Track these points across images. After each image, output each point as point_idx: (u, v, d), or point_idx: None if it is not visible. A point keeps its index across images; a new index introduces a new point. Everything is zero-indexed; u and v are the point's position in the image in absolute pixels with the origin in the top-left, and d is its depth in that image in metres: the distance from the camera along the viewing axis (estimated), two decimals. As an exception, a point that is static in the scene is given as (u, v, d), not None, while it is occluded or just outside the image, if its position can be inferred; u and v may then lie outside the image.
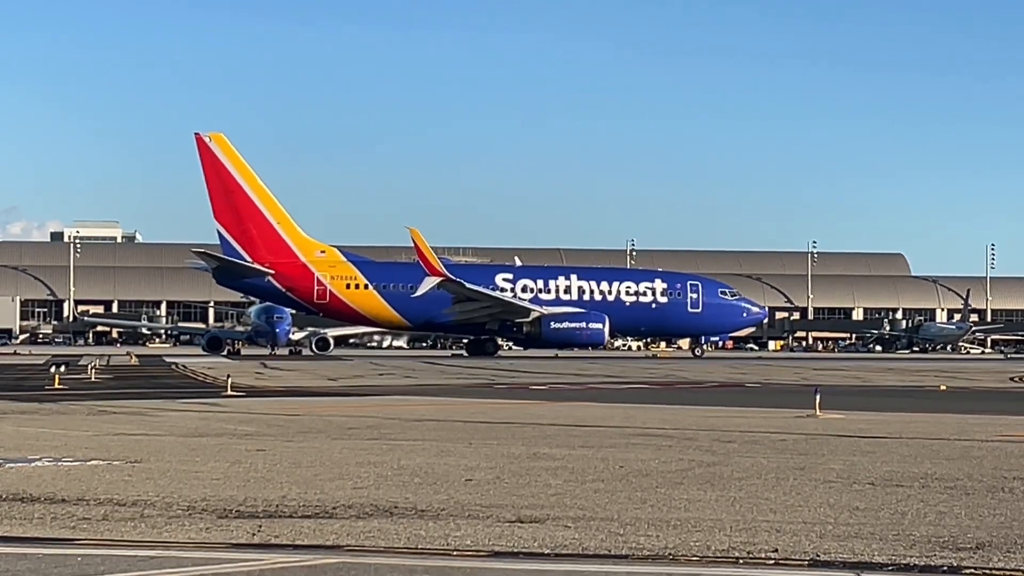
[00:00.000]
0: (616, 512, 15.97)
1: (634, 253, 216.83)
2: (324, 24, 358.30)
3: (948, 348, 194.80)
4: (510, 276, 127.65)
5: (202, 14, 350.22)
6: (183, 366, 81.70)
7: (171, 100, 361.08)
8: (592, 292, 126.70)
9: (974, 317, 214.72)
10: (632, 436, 27.56)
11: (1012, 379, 67.72)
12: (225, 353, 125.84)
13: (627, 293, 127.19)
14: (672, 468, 21.04)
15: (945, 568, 12.57)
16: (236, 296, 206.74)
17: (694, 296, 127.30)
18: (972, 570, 12.51)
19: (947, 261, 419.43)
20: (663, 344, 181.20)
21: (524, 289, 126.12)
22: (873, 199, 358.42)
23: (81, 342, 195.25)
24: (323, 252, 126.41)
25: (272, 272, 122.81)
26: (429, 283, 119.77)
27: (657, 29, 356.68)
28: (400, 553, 13.20)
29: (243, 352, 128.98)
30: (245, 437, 27.21)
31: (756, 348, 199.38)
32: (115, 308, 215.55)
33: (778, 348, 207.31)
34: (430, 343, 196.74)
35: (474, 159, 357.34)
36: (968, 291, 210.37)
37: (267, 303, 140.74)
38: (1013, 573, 12.45)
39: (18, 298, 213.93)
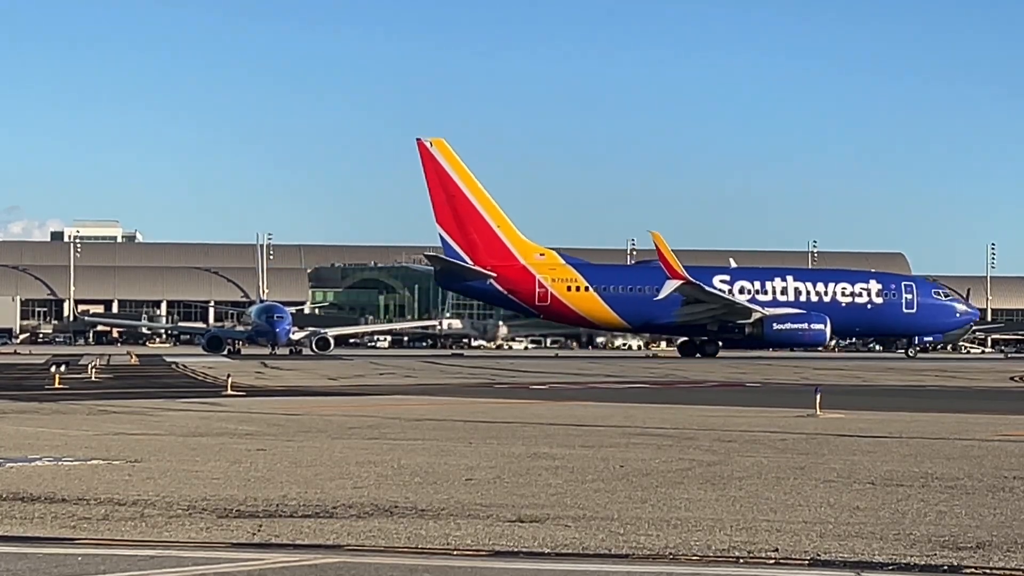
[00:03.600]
0: (616, 511, 15.97)
1: (634, 252, 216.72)
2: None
3: (948, 348, 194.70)
4: (727, 278, 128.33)
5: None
6: (183, 366, 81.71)
7: (172, 100, 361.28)
8: (809, 293, 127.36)
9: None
10: (632, 436, 27.56)
11: (1012, 378, 67.70)
12: (225, 353, 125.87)
13: (843, 294, 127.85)
14: (672, 468, 21.04)
15: (945, 567, 12.56)
16: (236, 295, 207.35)
17: (908, 297, 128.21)
18: (972, 569, 12.50)
19: (947, 261, 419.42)
20: (663, 344, 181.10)
21: (741, 291, 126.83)
22: (873, 199, 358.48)
23: (81, 341, 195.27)
24: (542, 255, 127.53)
25: (494, 275, 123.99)
26: (671, 286, 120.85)
27: (658, 29, 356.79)
28: (401, 553, 13.20)
29: (243, 352, 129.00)
30: (245, 437, 27.21)
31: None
32: (115, 308, 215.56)
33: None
34: (429, 343, 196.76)
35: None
36: (968, 291, 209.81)
37: (268, 303, 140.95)
38: (1014, 572, 12.44)
39: (18, 298, 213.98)
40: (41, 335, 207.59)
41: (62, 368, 61.02)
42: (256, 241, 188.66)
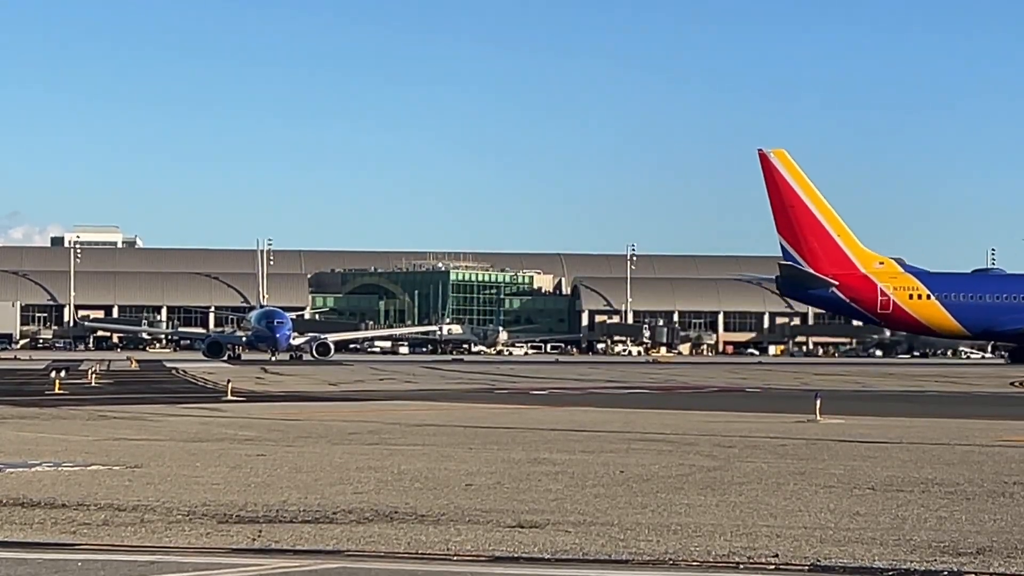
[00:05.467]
0: (616, 517, 15.96)
1: (634, 258, 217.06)
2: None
3: (948, 353, 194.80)
4: None
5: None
6: (183, 371, 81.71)
7: (172, 103, 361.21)
8: None
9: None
10: (632, 441, 27.56)
11: (1012, 384, 67.72)
12: (225, 358, 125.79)
13: None
14: (672, 473, 21.04)
15: (946, 573, 12.56)
16: (236, 301, 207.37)
17: None
18: (973, 575, 12.50)
19: (947, 262, 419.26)
20: (663, 349, 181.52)
21: None
22: (873, 199, 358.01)
23: (81, 347, 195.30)
24: (881, 263, 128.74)
25: (836, 283, 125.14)
26: None
27: (658, 30, 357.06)
28: (401, 558, 13.20)
29: (243, 357, 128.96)
30: (245, 442, 27.21)
31: (756, 352, 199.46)
32: (115, 313, 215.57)
33: (779, 352, 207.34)
34: (429, 348, 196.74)
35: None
36: None
37: (268, 308, 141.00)
38: (1014, 578, 12.45)
39: (19, 303, 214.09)
40: (41, 340, 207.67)
41: (62, 373, 61.06)
42: (256, 246, 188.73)
